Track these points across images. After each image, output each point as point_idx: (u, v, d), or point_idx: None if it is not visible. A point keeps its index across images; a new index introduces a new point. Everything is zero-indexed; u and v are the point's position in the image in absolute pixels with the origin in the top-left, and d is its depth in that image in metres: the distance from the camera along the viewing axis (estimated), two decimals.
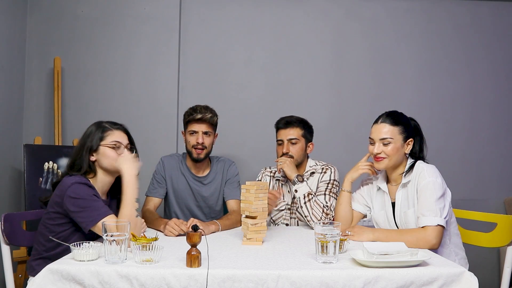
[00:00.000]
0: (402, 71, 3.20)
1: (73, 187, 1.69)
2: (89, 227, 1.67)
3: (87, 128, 1.88)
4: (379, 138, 1.88)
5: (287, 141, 2.29)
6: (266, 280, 1.32)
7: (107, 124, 1.87)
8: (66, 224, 1.74)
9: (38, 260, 1.76)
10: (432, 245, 1.70)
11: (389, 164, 1.89)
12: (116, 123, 1.91)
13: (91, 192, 1.72)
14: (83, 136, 1.86)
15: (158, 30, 3.07)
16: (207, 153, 2.37)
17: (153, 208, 2.33)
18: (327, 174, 2.28)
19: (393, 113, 1.92)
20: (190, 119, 2.32)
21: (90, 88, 3.02)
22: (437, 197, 1.76)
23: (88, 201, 1.69)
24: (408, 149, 1.91)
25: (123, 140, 1.87)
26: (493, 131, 3.22)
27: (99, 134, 1.83)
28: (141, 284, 1.31)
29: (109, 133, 1.84)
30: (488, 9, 3.24)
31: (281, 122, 2.34)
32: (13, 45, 2.86)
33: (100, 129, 1.85)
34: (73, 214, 1.69)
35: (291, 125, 2.31)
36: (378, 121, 1.92)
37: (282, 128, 2.32)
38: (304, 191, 2.14)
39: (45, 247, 1.76)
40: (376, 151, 1.88)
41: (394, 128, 1.87)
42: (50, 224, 1.75)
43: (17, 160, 2.85)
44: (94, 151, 1.82)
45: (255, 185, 1.78)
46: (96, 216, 1.65)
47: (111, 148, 1.82)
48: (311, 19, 3.19)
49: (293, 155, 2.27)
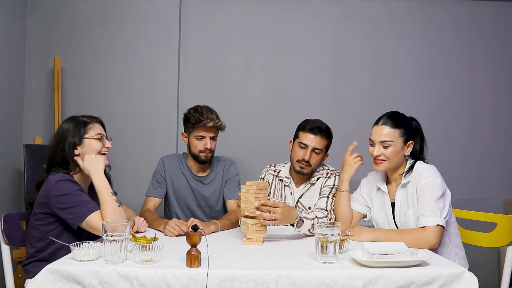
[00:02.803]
0: (402, 71, 3.20)
1: (57, 185, 1.70)
2: (77, 223, 1.67)
3: (61, 125, 1.88)
4: (379, 141, 1.87)
5: (312, 149, 2.16)
6: (266, 280, 1.32)
7: (85, 118, 1.89)
8: (54, 223, 1.75)
9: (32, 262, 1.76)
10: (432, 245, 1.70)
11: (389, 166, 1.89)
12: (93, 116, 1.93)
13: (76, 188, 1.73)
14: (58, 132, 1.86)
15: (158, 30, 3.06)
16: (212, 155, 2.39)
17: (153, 208, 2.33)
18: (331, 179, 2.21)
19: (394, 114, 1.91)
20: (200, 125, 2.29)
21: (90, 88, 3.02)
22: (437, 197, 1.76)
23: (74, 196, 1.69)
24: (408, 151, 1.90)
25: (103, 132, 1.90)
26: (493, 131, 3.21)
27: (82, 128, 1.84)
28: (141, 284, 1.31)
29: (91, 126, 1.86)
30: (488, 9, 3.24)
31: (312, 126, 2.18)
32: (13, 45, 2.86)
33: (80, 123, 1.85)
34: (60, 212, 1.69)
35: (321, 134, 2.17)
36: (378, 122, 1.90)
37: (311, 133, 2.17)
38: (307, 227, 1.91)
39: (36, 248, 1.76)
40: (375, 153, 1.87)
41: (395, 131, 1.86)
42: (38, 225, 1.75)
43: (17, 160, 2.85)
44: (78, 145, 1.82)
45: (255, 185, 1.78)
46: (84, 212, 1.66)
47: (97, 140, 1.84)
48: (311, 19, 3.19)
49: (311, 164, 2.18)
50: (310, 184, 2.25)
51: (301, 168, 2.19)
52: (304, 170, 2.19)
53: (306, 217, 1.91)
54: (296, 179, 2.30)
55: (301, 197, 2.26)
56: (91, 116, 1.92)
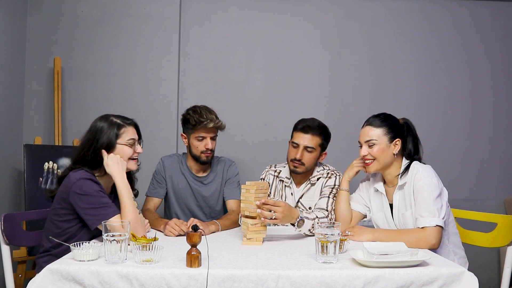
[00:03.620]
0: (402, 71, 3.20)
1: (78, 183, 1.68)
2: (95, 225, 1.67)
3: (95, 123, 1.84)
4: (364, 141, 1.93)
5: (303, 148, 2.17)
6: (266, 280, 1.32)
7: (119, 120, 1.84)
8: (73, 221, 1.74)
9: (46, 257, 1.75)
10: (432, 245, 1.71)
11: (379, 166, 1.92)
12: (127, 117, 1.89)
13: (97, 188, 1.71)
14: (91, 131, 1.82)
15: (158, 30, 3.07)
16: (213, 155, 2.40)
17: (153, 208, 2.33)
18: (331, 179, 2.21)
19: (378, 115, 1.96)
20: (201, 126, 2.28)
21: (90, 88, 3.02)
22: (434, 197, 1.77)
23: (94, 197, 1.68)
24: (396, 149, 1.91)
25: (135, 136, 1.87)
26: (493, 131, 3.21)
27: (115, 131, 1.80)
28: (141, 284, 1.31)
29: (124, 130, 1.83)
30: (488, 9, 3.24)
31: (302, 126, 2.20)
32: (13, 45, 2.86)
33: (114, 125, 1.81)
34: (79, 210, 1.69)
35: (312, 131, 2.17)
36: (364, 124, 1.97)
37: (302, 132, 2.18)
38: (308, 227, 1.91)
39: (52, 244, 1.75)
40: (362, 153, 1.93)
41: (378, 130, 1.90)
42: (57, 220, 1.74)
43: (17, 160, 2.85)
44: (110, 148, 1.79)
45: (255, 185, 1.78)
46: (103, 216, 1.64)
47: (128, 146, 1.82)
48: (311, 19, 3.19)
49: (304, 162, 2.18)
50: (311, 184, 2.25)
51: (294, 167, 2.20)
52: (298, 169, 2.19)
53: (307, 217, 1.91)
54: (297, 179, 2.30)
55: (302, 197, 2.26)
56: (125, 118, 1.88)
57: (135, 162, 1.88)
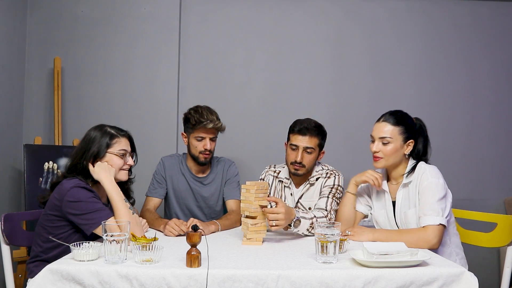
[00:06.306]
0: (402, 71, 3.20)
1: (71, 191, 1.68)
2: (91, 230, 1.66)
3: (89, 132, 1.84)
4: (378, 137, 1.88)
5: (303, 150, 2.15)
6: (266, 280, 1.32)
7: (113, 131, 1.84)
8: (65, 227, 1.73)
9: (35, 262, 1.75)
10: (432, 245, 1.70)
11: (386, 164, 1.90)
12: (121, 129, 1.89)
13: (90, 195, 1.71)
14: (84, 139, 1.83)
15: (158, 30, 3.07)
16: (212, 156, 2.39)
17: (153, 208, 2.33)
18: (330, 179, 2.20)
19: (396, 112, 1.92)
20: (200, 126, 2.28)
21: (90, 88, 3.02)
22: (439, 197, 1.76)
23: (88, 203, 1.68)
24: (408, 150, 1.90)
25: (128, 148, 1.86)
26: (493, 131, 3.21)
27: (106, 141, 1.81)
28: (141, 284, 1.31)
29: (116, 141, 1.83)
30: (488, 9, 3.24)
31: (299, 127, 2.16)
32: (13, 45, 2.86)
33: (106, 135, 1.82)
34: (73, 218, 1.68)
35: (309, 133, 2.15)
36: (380, 119, 1.92)
37: (300, 134, 2.15)
38: (305, 226, 1.91)
39: (42, 248, 1.75)
40: (374, 149, 1.89)
41: (395, 128, 1.87)
42: (48, 226, 1.74)
43: (17, 160, 2.85)
44: (100, 157, 1.80)
45: (255, 185, 1.78)
46: (98, 219, 1.64)
47: (118, 156, 1.82)
48: (311, 19, 3.19)
49: (305, 164, 2.17)
50: (310, 184, 2.25)
51: (295, 170, 2.19)
52: (299, 171, 2.19)
53: (303, 216, 1.91)
54: (296, 180, 2.29)
55: (301, 198, 2.26)
56: (119, 129, 1.88)
57: (126, 173, 1.87)
